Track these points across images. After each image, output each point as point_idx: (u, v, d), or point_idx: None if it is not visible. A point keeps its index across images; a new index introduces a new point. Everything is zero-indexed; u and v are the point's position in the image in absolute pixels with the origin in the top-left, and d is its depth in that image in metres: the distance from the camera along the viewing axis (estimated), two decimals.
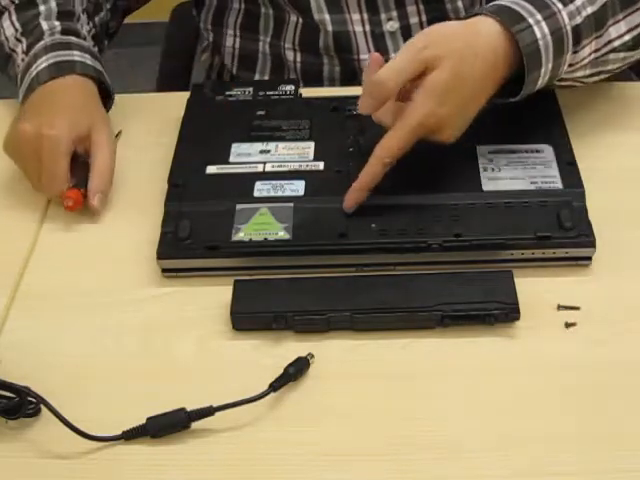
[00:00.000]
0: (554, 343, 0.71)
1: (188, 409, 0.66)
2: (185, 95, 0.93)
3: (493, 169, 0.81)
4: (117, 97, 0.98)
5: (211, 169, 0.83)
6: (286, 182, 0.80)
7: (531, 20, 0.78)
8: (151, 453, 0.66)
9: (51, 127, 0.83)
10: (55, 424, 0.66)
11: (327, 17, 0.99)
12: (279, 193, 0.79)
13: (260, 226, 0.77)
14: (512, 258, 0.76)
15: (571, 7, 0.80)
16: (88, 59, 0.91)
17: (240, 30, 1.07)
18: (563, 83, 0.84)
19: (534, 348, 0.71)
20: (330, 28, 1.00)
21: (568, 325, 0.72)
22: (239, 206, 0.78)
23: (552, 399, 0.68)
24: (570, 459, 0.64)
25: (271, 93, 0.92)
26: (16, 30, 0.95)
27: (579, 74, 0.85)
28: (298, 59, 1.04)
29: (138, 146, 0.92)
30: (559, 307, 0.74)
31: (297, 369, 0.69)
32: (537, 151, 0.83)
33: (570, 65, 0.82)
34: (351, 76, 1.03)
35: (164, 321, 0.75)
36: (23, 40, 0.94)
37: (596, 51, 0.84)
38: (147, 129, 0.94)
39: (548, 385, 0.69)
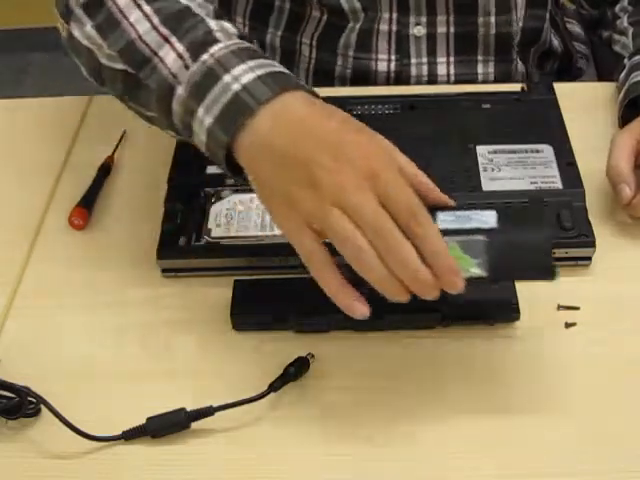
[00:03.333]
0: (554, 343, 0.71)
1: (188, 409, 0.66)
2: None
3: (493, 169, 0.81)
4: None
5: (211, 169, 0.83)
6: None
7: None
8: (151, 453, 0.66)
9: (379, 150, 0.64)
10: (55, 424, 0.66)
11: (361, 15, 0.98)
12: None
13: None
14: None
15: None
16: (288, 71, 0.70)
17: (249, 20, 1.04)
18: None
19: (534, 348, 0.71)
20: (358, 26, 0.99)
21: (568, 325, 0.72)
22: None
23: (552, 399, 0.68)
24: (570, 459, 0.64)
25: None
26: (154, 26, 0.71)
27: None
28: (313, 55, 1.03)
29: (138, 146, 0.92)
30: (559, 307, 0.74)
31: (297, 369, 0.69)
32: (537, 151, 0.83)
33: None
34: (363, 76, 1.02)
35: (164, 321, 0.75)
36: (173, 39, 0.70)
37: None
38: (147, 129, 0.93)
39: (548, 385, 0.69)
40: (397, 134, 0.85)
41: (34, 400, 0.66)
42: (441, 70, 1.02)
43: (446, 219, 0.65)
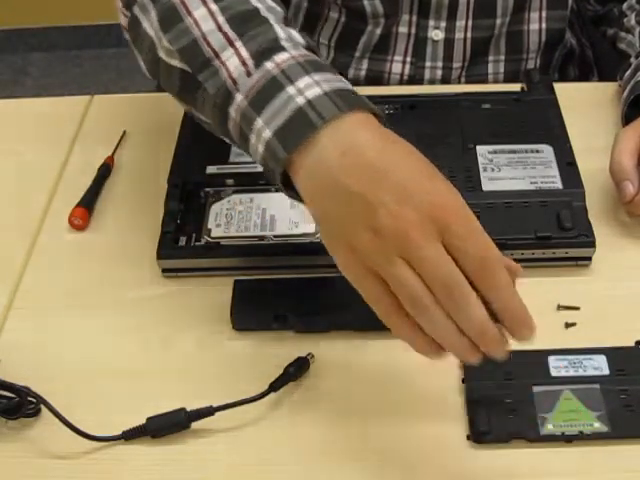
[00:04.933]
0: (554, 343, 0.71)
1: (188, 409, 0.66)
2: None
3: (493, 169, 0.81)
4: (117, 97, 0.98)
5: (211, 169, 0.83)
6: None
7: None
8: (151, 453, 0.66)
9: (449, 199, 0.59)
10: (55, 424, 0.66)
11: (382, 20, 0.97)
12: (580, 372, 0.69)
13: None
14: (512, 258, 0.76)
15: None
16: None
17: None
18: None
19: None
20: (379, 30, 0.99)
21: (568, 325, 0.72)
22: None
23: None
24: (570, 459, 0.64)
25: None
26: (219, 26, 0.66)
27: None
28: (331, 56, 1.03)
29: (138, 146, 0.92)
30: (559, 307, 0.74)
31: (297, 369, 0.69)
32: (537, 151, 0.83)
33: None
34: (376, 77, 1.02)
35: (164, 321, 0.75)
36: (238, 43, 0.65)
37: None
38: (147, 129, 0.94)
39: None
40: (397, 134, 0.86)
41: (34, 400, 0.66)
42: (455, 74, 1.02)
43: (558, 365, 0.67)
